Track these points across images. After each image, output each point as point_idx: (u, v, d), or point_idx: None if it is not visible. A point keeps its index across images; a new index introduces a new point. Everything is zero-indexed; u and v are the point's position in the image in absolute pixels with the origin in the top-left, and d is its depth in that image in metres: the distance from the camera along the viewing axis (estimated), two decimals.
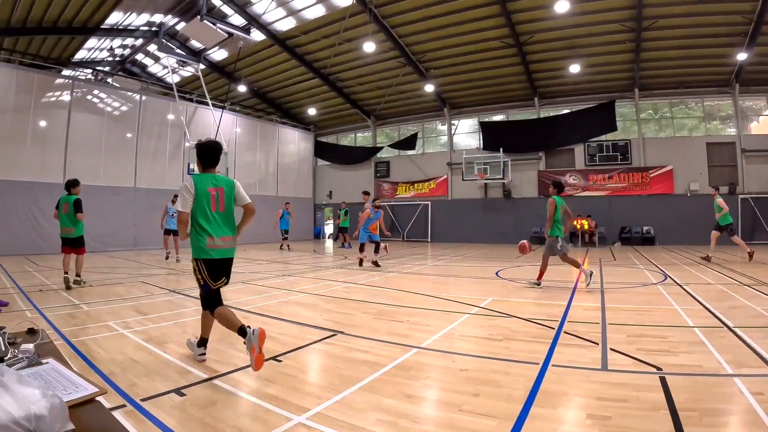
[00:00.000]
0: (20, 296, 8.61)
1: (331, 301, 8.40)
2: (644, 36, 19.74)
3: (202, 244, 4.56)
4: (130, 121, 22.32)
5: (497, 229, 26.53)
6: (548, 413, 3.40)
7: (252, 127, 29.43)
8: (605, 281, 10.58)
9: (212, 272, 4.63)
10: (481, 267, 14.20)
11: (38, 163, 18.70)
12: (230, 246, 4.80)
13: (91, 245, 19.24)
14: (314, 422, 3.26)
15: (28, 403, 1.24)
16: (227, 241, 4.74)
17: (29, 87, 18.53)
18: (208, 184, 4.65)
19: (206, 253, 4.57)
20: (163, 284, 10.55)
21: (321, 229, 34.49)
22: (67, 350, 4.98)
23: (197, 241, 4.59)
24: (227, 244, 4.74)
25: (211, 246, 4.59)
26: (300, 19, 22.65)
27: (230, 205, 4.83)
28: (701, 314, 6.73)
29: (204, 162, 4.80)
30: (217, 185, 4.70)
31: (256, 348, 4.09)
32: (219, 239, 4.63)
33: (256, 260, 16.79)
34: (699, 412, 3.28)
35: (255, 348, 4.09)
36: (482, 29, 21.30)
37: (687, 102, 23.93)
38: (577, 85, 24.59)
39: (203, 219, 4.59)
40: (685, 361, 4.54)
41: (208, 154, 4.78)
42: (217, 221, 4.67)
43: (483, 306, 7.65)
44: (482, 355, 4.95)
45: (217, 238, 4.61)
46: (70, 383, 1.67)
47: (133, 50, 26.88)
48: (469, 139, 29.02)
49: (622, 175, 24.06)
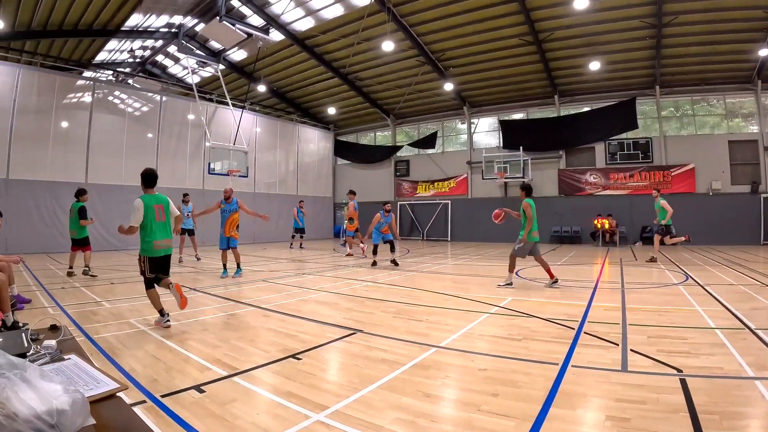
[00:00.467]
0: (43, 293, 8.74)
1: (350, 300, 8.41)
2: (664, 32, 19.42)
3: (149, 246, 6.16)
4: (150, 121, 22.56)
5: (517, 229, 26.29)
6: (567, 414, 3.37)
7: (272, 127, 29.56)
8: (626, 281, 10.46)
9: (152, 266, 6.24)
10: (501, 266, 14.06)
11: (60, 163, 18.98)
12: (169, 246, 6.44)
13: (113, 243, 19.68)
14: (332, 420, 3.26)
15: (50, 398, 1.26)
16: (167, 243, 6.40)
17: (51, 88, 18.80)
18: (152, 201, 6.25)
19: (151, 253, 6.20)
20: (183, 282, 10.62)
21: (341, 228, 34.49)
22: (89, 347, 5.05)
23: (145, 243, 6.17)
24: (167, 245, 6.39)
25: (157, 247, 6.21)
26: (318, 19, 22.70)
27: (168, 216, 6.45)
28: (723, 315, 6.62)
29: (146, 185, 6.40)
30: (159, 202, 6.33)
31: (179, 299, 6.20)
32: (163, 242, 6.29)
33: (276, 259, 16.87)
34: (719, 416, 3.23)
35: (179, 299, 6.19)
36: (501, 27, 21.15)
37: (708, 99, 23.50)
38: (597, 83, 24.32)
39: (150, 227, 6.15)
40: (706, 363, 4.46)
41: (149, 179, 6.41)
42: (160, 229, 6.27)
43: (502, 305, 7.60)
44: (501, 354, 4.92)
45: (161, 241, 6.26)
46: (92, 379, 1.69)
47: (153, 51, 27.18)
48: (489, 138, 28.84)
49: (643, 173, 23.74)
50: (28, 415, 1.18)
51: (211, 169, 21.65)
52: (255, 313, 7.16)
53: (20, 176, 17.72)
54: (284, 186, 29.48)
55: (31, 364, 1.40)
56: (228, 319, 6.81)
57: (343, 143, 34.74)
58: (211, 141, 22.26)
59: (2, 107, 17.39)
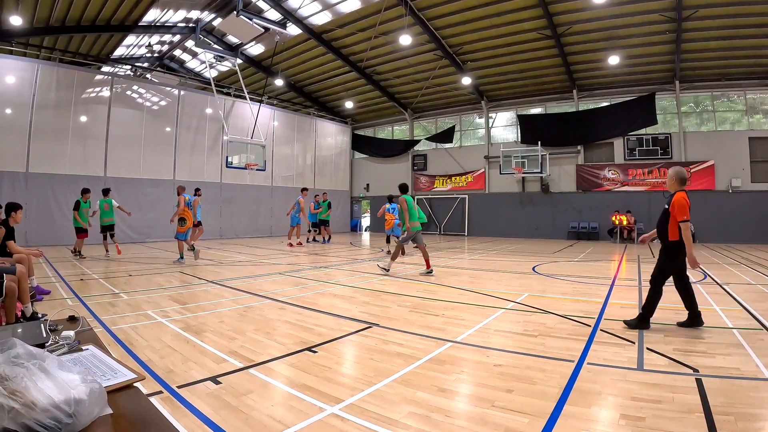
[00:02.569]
0: (62, 285, 8.87)
1: (367, 294, 8.41)
2: (684, 26, 19.07)
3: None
4: (168, 115, 22.72)
5: (534, 224, 26.26)
6: (581, 412, 3.34)
7: (289, 121, 29.61)
8: (643, 279, 10.34)
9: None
10: (518, 262, 14.03)
11: (79, 157, 19.21)
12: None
13: (131, 236, 20.00)
14: (347, 413, 3.27)
15: (68, 387, 1.26)
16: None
17: (70, 84, 19.00)
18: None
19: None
20: (201, 275, 10.72)
21: (358, 222, 34.62)
22: (107, 337, 5.11)
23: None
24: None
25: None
26: (335, 13, 22.68)
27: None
28: (740, 315, 6.52)
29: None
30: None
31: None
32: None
33: (293, 252, 16.93)
34: (734, 417, 3.19)
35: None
36: (519, 20, 20.95)
37: (729, 95, 23.02)
38: (616, 77, 23.98)
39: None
40: (722, 363, 4.40)
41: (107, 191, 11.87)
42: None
43: (519, 301, 7.57)
44: (517, 350, 4.89)
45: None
46: (109, 369, 1.70)
47: (171, 46, 27.36)
48: (507, 133, 28.64)
49: (662, 170, 23.40)
50: (46, 404, 1.19)
51: (229, 163, 21.76)
52: (271, 306, 7.20)
53: (40, 170, 17.96)
54: (302, 180, 29.52)
55: (49, 355, 1.41)
56: (244, 311, 6.85)
57: (360, 137, 34.73)
58: (228, 135, 22.36)
59: (22, 102, 17.63)
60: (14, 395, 1.18)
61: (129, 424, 1.39)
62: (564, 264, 13.30)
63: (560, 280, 10.07)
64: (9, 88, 17.42)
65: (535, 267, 12.48)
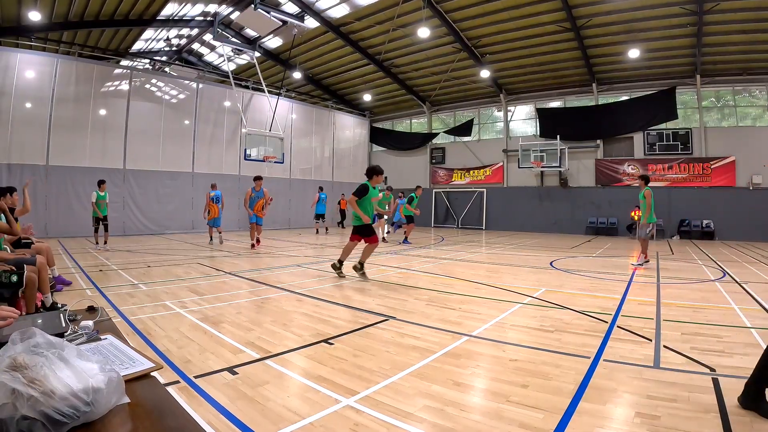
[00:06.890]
0: (81, 276, 8.99)
1: (384, 287, 8.42)
2: (706, 19, 18.69)
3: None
4: (187, 108, 22.87)
5: (553, 218, 26.07)
6: (596, 409, 3.31)
7: (307, 114, 29.63)
8: (662, 276, 10.23)
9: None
10: (536, 256, 13.95)
11: (99, 150, 19.42)
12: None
13: (150, 228, 20.19)
14: (362, 405, 3.28)
15: (86, 376, 1.28)
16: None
17: (89, 77, 19.20)
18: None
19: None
20: (219, 266, 10.80)
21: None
22: (125, 327, 5.18)
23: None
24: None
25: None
26: (353, 6, 22.61)
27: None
28: (760, 315, 6.41)
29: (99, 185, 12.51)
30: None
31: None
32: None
33: (310, 244, 16.99)
34: (750, 418, 3.14)
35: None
36: (538, 13, 20.73)
37: (751, 90, 22.54)
38: (636, 71, 23.64)
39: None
40: (740, 363, 4.32)
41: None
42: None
43: (536, 296, 7.52)
44: (533, 346, 4.86)
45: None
46: (128, 358, 1.71)
47: (189, 40, 27.45)
48: (526, 126, 28.41)
49: (682, 165, 23.05)
50: (64, 393, 1.20)
51: (247, 155, 21.87)
52: (288, 298, 7.23)
53: (60, 162, 18.22)
54: (320, 172, 29.62)
55: (68, 344, 1.43)
56: (262, 303, 6.89)
57: (378, 130, 34.67)
58: (247, 127, 22.46)
59: (42, 96, 17.85)
60: (33, 383, 1.19)
61: (146, 413, 1.40)
62: (582, 259, 13.20)
63: (578, 276, 10.01)
64: (29, 82, 17.64)
65: (553, 262, 12.40)
